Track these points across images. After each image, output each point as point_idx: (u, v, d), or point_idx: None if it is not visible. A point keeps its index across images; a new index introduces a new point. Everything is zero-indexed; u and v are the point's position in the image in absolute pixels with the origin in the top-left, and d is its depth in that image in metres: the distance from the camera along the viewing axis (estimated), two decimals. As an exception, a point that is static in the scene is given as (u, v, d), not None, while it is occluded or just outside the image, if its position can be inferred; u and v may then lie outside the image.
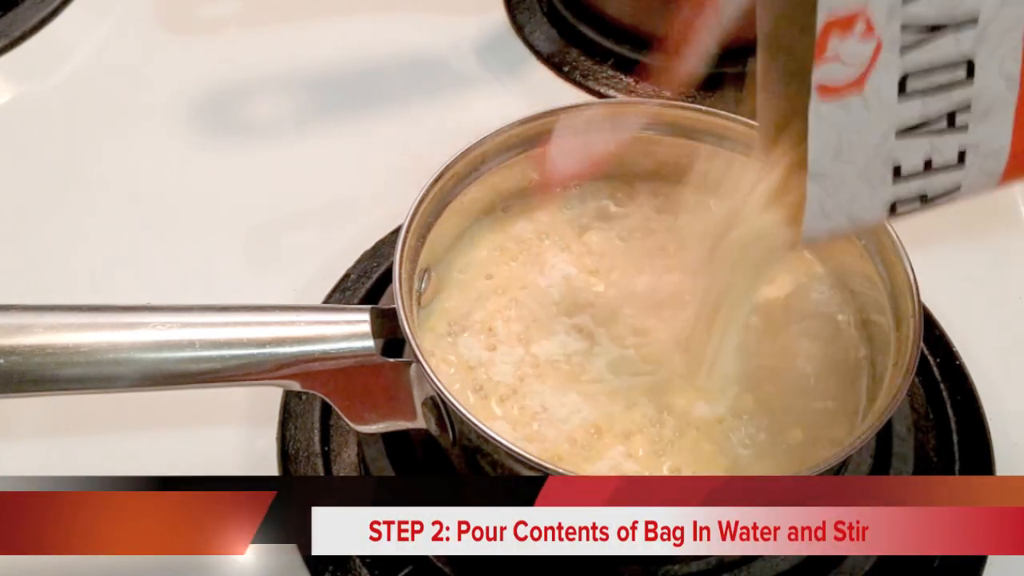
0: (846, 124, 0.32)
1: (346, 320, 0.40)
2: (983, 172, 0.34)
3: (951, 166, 0.34)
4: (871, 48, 0.31)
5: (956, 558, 0.47)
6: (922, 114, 0.33)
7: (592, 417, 0.42)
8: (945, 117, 0.33)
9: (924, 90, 0.32)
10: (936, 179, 0.34)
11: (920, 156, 0.33)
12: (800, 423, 0.43)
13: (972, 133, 0.33)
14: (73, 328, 0.37)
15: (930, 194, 0.34)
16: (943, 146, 0.33)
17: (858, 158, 0.33)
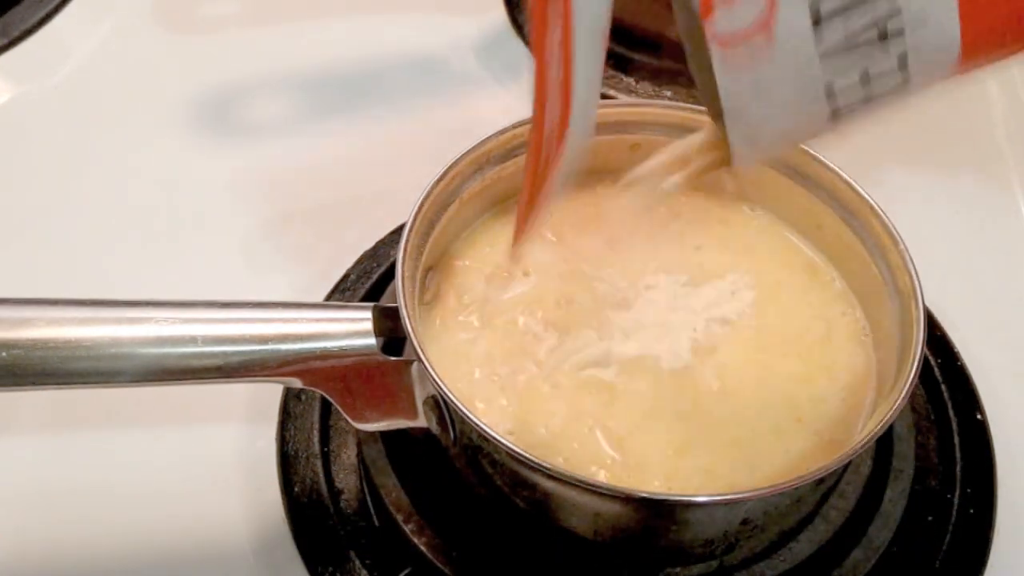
0: (758, 66, 0.32)
1: (348, 318, 0.40)
2: (934, 66, 0.33)
3: (892, 71, 0.33)
4: None
5: (956, 558, 0.47)
6: (845, 35, 0.32)
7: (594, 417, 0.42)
8: (874, 29, 0.32)
9: (842, 10, 0.31)
10: (879, 84, 0.33)
11: (855, 73, 0.33)
12: (804, 424, 0.43)
13: (911, 37, 0.32)
14: (75, 322, 0.37)
15: (875, 96, 0.33)
16: (880, 57, 0.32)
17: (783, 90, 0.33)
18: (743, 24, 0.32)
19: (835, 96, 0.33)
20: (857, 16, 0.31)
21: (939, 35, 0.32)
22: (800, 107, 0.34)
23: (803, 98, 0.33)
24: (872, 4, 0.31)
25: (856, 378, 0.44)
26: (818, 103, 0.33)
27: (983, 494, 0.49)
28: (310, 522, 0.47)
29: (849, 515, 0.46)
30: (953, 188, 0.65)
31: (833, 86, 0.33)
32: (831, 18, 0.32)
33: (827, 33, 0.32)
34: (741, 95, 0.33)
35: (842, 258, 0.48)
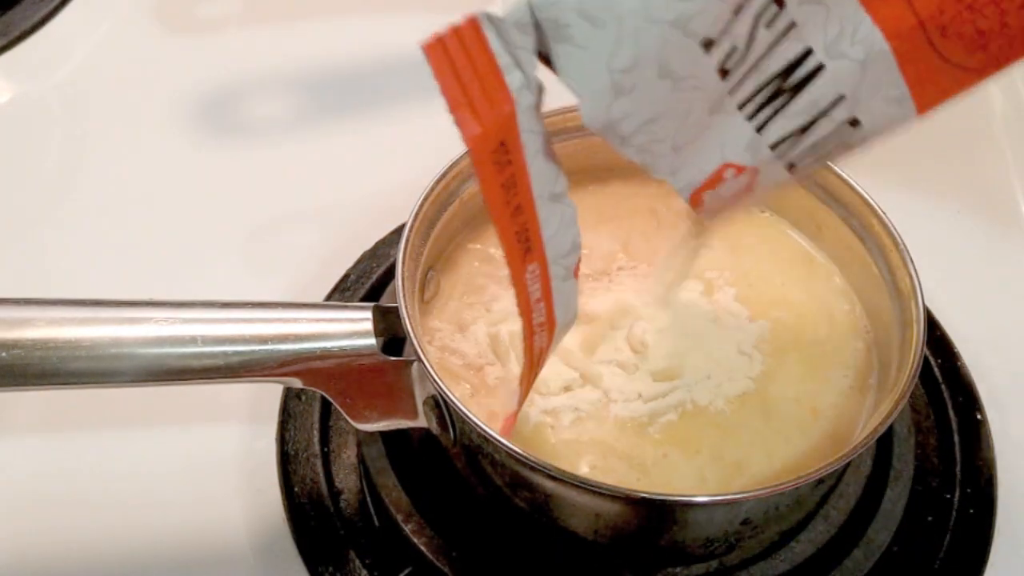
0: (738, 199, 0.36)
1: (348, 318, 0.40)
2: (890, 121, 0.34)
3: (848, 135, 0.35)
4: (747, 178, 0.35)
5: (956, 558, 0.47)
6: (811, 145, 0.34)
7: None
8: (835, 137, 0.34)
9: (811, 148, 0.34)
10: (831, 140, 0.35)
11: (807, 143, 0.34)
12: (806, 423, 0.43)
13: (866, 126, 0.34)
14: (75, 322, 0.37)
15: (825, 153, 0.35)
16: (828, 128, 0.34)
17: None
18: (729, 194, 0.35)
19: (795, 168, 0.35)
20: (820, 131, 0.34)
21: (885, 111, 0.34)
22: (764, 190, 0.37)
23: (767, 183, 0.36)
24: (827, 118, 0.33)
25: (858, 375, 0.44)
26: (782, 174, 0.36)
27: (983, 494, 0.49)
28: (310, 522, 0.47)
29: (849, 515, 0.46)
30: (953, 188, 0.65)
31: (793, 163, 0.35)
32: (804, 155, 0.34)
33: (795, 156, 0.35)
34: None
35: (842, 258, 0.48)
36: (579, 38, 0.28)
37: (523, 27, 0.28)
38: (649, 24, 0.28)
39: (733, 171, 0.34)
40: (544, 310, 0.34)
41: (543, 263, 0.32)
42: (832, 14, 0.31)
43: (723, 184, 0.35)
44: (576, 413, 0.42)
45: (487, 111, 0.28)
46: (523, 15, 0.28)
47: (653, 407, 0.42)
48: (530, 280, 0.32)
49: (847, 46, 0.31)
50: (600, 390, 0.42)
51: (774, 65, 0.31)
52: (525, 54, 0.28)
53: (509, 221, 0.30)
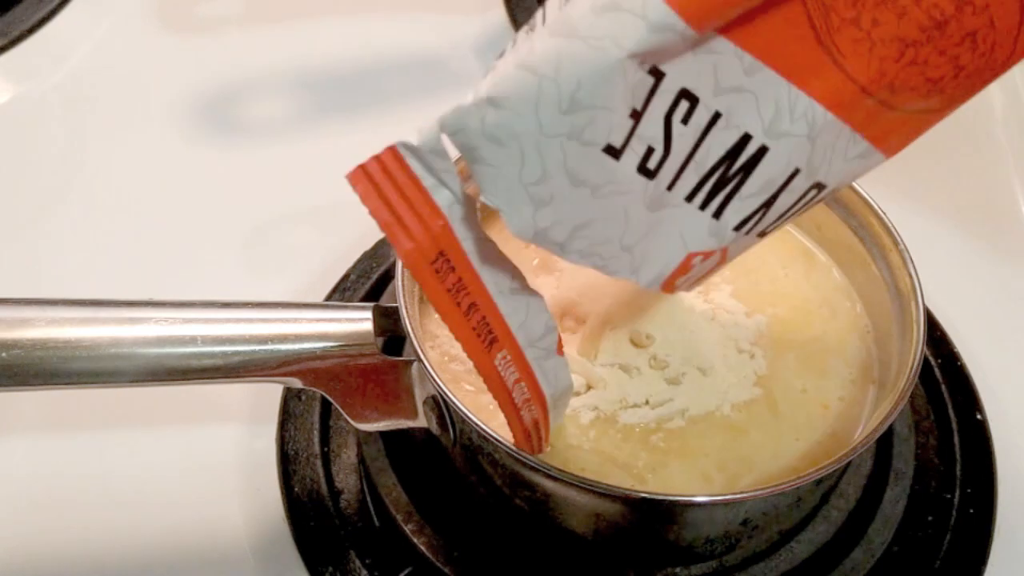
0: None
1: (348, 318, 0.40)
2: (857, 173, 0.35)
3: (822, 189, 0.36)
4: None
5: (956, 558, 0.47)
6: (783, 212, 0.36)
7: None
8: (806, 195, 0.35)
9: (781, 214, 0.36)
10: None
11: (773, 215, 0.36)
12: (814, 421, 0.43)
13: (819, 174, 0.34)
14: (75, 322, 0.37)
15: (794, 213, 0.36)
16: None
17: None
18: (701, 273, 0.37)
19: (765, 234, 0.37)
20: (783, 202, 0.34)
21: (860, 167, 0.35)
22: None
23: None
24: (788, 191, 0.34)
25: (861, 373, 0.44)
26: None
27: (983, 494, 0.49)
28: (310, 522, 0.47)
29: (849, 515, 0.46)
30: (953, 188, 0.65)
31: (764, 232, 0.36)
32: (772, 223, 0.35)
33: (763, 227, 0.35)
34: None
35: (842, 257, 0.47)
36: (488, 158, 0.29)
37: (439, 152, 0.30)
38: (547, 139, 0.29)
39: (700, 257, 0.35)
40: (527, 388, 0.35)
41: (514, 349, 0.34)
42: (762, 98, 0.31)
43: (694, 269, 0.35)
44: (590, 414, 0.42)
45: (418, 228, 0.30)
46: (436, 142, 0.30)
47: (660, 413, 0.42)
48: (502, 366, 0.33)
49: (787, 125, 0.31)
50: (605, 394, 0.42)
51: (712, 155, 0.32)
52: (448, 175, 0.30)
53: (462, 320, 0.32)
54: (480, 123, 0.28)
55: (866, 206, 0.45)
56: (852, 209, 0.46)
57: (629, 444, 0.41)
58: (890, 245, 0.44)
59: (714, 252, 0.35)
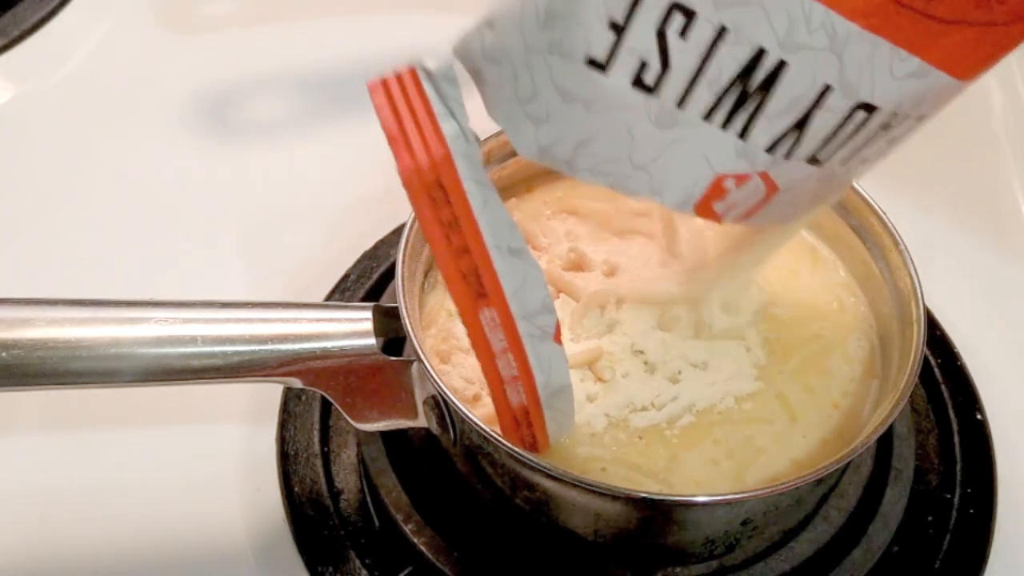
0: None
1: (348, 318, 0.40)
2: (923, 95, 0.33)
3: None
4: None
5: (956, 558, 0.47)
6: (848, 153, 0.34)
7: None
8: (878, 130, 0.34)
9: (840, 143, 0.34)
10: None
11: (817, 138, 0.34)
12: (814, 417, 0.43)
13: (861, 93, 0.32)
14: (75, 322, 0.37)
15: (862, 143, 0.35)
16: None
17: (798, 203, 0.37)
18: (747, 201, 0.35)
19: (821, 162, 0.34)
20: (823, 124, 0.32)
21: (924, 88, 0.32)
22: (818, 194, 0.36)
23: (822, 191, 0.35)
24: (825, 111, 0.32)
25: (864, 369, 0.44)
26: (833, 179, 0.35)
27: (983, 494, 0.49)
28: (310, 522, 0.47)
29: (849, 515, 0.46)
30: (953, 188, 0.65)
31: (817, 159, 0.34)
32: (822, 149, 0.33)
33: (809, 152, 0.33)
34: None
35: (845, 255, 0.48)
36: (489, 78, 0.30)
37: (450, 79, 0.31)
38: (532, 55, 0.29)
39: (733, 180, 0.33)
40: (515, 364, 0.35)
41: (504, 312, 0.33)
42: (772, 10, 0.29)
43: (731, 194, 0.34)
44: (603, 420, 0.41)
45: (421, 150, 0.31)
46: (448, 68, 0.30)
47: (669, 412, 0.42)
48: (488, 326, 0.33)
49: (804, 37, 0.30)
50: (612, 399, 0.42)
51: (726, 72, 0.31)
52: (457, 106, 0.31)
53: (451, 259, 0.32)
54: (480, 44, 0.29)
55: (866, 206, 0.45)
56: (852, 209, 0.46)
57: (646, 448, 0.41)
58: (890, 245, 0.44)
59: (749, 176, 0.33)
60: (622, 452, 0.40)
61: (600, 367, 0.42)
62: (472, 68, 0.30)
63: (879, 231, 0.44)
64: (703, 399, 0.42)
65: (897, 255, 0.43)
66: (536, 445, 0.38)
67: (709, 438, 0.41)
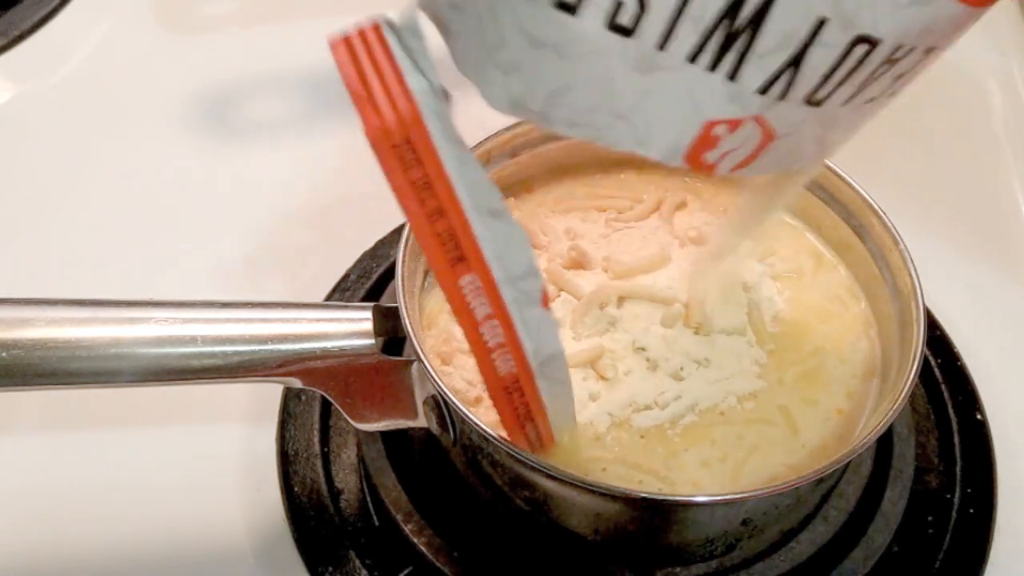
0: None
1: (348, 318, 0.40)
2: (929, 24, 0.31)
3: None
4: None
5: (956, 558, 0.47)
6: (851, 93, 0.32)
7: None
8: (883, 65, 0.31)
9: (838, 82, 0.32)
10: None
11: (815, 76, 0.31)
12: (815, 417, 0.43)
13: (859, 25, 0.30)
14: (75, 322, 0.37)
15: (865, 80, 0.32)
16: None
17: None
18: (743, 148, 0.33)
19: (821, 102, 0.32)
20: (820, 61, 0.30)
21: (929, 16, 0.30)
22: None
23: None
24: (821, 46, 0.30)
25: (865, 369, 0.44)
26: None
27: (983, 494, 0.49)
28: (310, 522, 0.47)
29: (849, 515, 0.46)
30: (953, 188, 0.65)
31: (817, 100, 0.32)
32: (823, 88, 0.31)
33: (808, 92, 0.31)
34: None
35: (846, 256, 0.48)
36: (455, 28, 0.28)
37: (416, 32, 0.29)
38: (495, 0, 0.28)
39: (725, 127, 0.31)
40: (501, 331, 0.34)
41: (486, 277, 0.32)
42: None
43: (723, 141, 0.32)
44: (606, 420, 0.41)
45: (387, 107, 0.29)
46: (411, 20, 0.29)
47: (672, 411, 0.42)
48: (469, 292, 0.32)
49: None
50: (614, 397, 0.42)
51: (711, 8, 0.28)
52: (424, 60, 0.29)
53: (426, 222, 0.31)
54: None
55: (866, 206, 0.45)
56: (852, 209, 0.46)
57: (648, 447, 0.41)
58: (890, 245, 0.44)
59: (742, 121, 0.31)
60: (624, 452, 0.40)
61: (602, 365, 0.42)
62: (437, 18, 0.28)
63: (879, 231, 0.44)
64: (706, 397, 0.42)
65: (897, 255, 0.43)
66: (531, 414, 0.37)
67: (710, 438, 0.41)
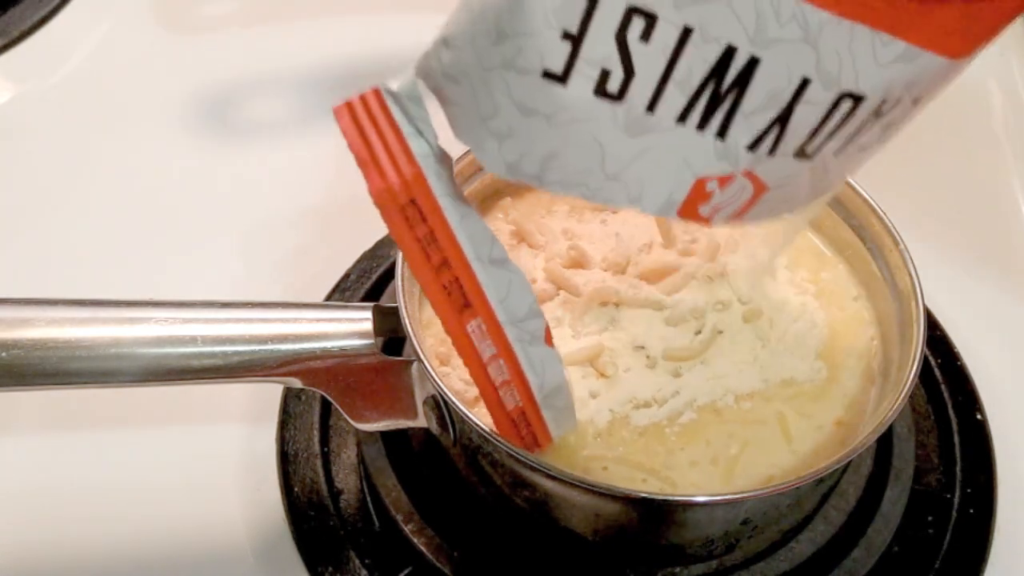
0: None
1: (348, 318, 0.40)
2: (915, 78, 0.32)
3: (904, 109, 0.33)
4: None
5: (956, 558, 0.47)
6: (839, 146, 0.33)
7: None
8: (870, 118, 0.33)
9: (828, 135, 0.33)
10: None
11: (802, 132, 0.33)
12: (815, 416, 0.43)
13: (843, 82, 0.31)
14: (75, 322, 0.37)
15: (852, 133, 0.33)
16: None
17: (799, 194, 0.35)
18: (735, 202, 0.34)
19: (809, 155, 0.33)
20: (806, 117, 0.31)
21: (914, 72, 0.31)
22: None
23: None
24: (806, 104, 0.31)
25: (864, 372, 0.44)
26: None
27: (983, 494, 0.49)
28: (310, 522, 0.47)
29: (849, 515, 0.46)
30: (953, 188, 0.65)
31: (806, 152, 0.33)
32: (810, 142, 0.32)
33: (797, 146, 0.32)
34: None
35: (847, 255, 0.48)
36: (451, 98, 0.30)
37: (415, 99, 0.31)
38: (488, 72, 0.29)
39: (716, 182, 0.32)
40: (506, 368, 0.35)
41: (491, 321, 0.34)
42: (738, 6, 0.28)
43: (715, 195, 0.33)
44: (606, 416, 0.41)
45: (392, 170, 0.31)
46: (412, 88, 0.30)
47: (671, 408, 0.41)
48: (476, 336, 0.34)
49: (776, 30, 0.29)
50: (615, 394, 0.42)
51: (696, 73, 0.30)
52: (424, 124, 0.31)
53: (432, 273, 0.33)
54: (439, 64, 0.29)
55: (866, 206, 0.45)
56: (853, 209, 0.46)
57: (647, 446, 0.41)
58: (890, 245, 0.44)
59: (732, 176, 0.32)
60: (624, 451, 0.40)
61: (602, 363, 0.42)
62: (434, 87, 0.30)
63: (879, 231, 0.44)
64: (704, 394, 0.42)
65: (897, 255, 0.43)
66: (538, 442, 0.38)
67: (708, 436, 0.41)
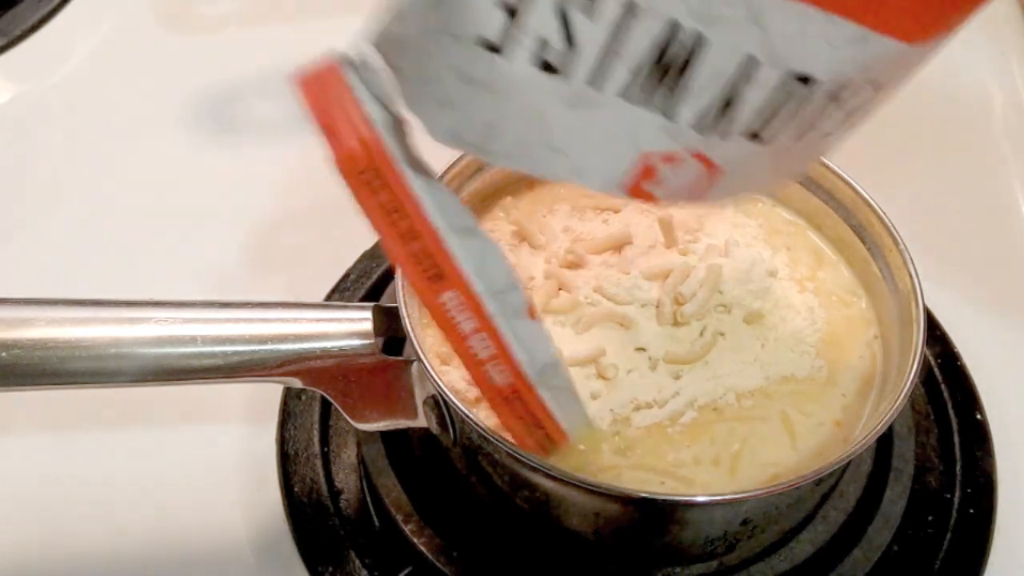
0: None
1: (348, 318, 0.40)
2: (871, 63, 0.31)
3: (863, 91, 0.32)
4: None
5: (956, 558, 0.47)
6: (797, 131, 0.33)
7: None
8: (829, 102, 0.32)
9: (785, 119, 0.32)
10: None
11: (749, 112, 0.32)
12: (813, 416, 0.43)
13: (793, 63, 0.30)
14: (75, 322, 0.37)
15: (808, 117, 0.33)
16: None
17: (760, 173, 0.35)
18: (684, 180, 0.33)
19: (762, 138, 0.33)
20: (753, 97, 0.31)
21: (868, 55, 0.30)
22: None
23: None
24: (753, 84, 0.30)
25: (864, 372, 0.44)
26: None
27: (983, 494, 0.49)
28: (310, 522, 0.47)
29: (849, 515, 0.46)
30: (953, 187, 0.65)
31: (756, 133, 0.32)
32: (760, 123, 0.31)
33: (746, 127, 0.32)
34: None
35: (847, 255, 0.48)
36: (400, 67, 0.30)
37: (369, 67, 0.31)
38: (428, 38, 0.29)
39: (660, 158, 0.31)
40: (491, 343, 0.35)
41: (467, 293, 0.34)
42: None
43: (662, 173, 0.32)
44: (608, 416, 0.41)
45: (350, 135, 0.31)
46: (367, 55, 0.31)
47: (671, 408, 0.41)
48: (452, 308, 0.34)
49: (720, 7, 0.28)
50: (616, 396, 0.42)
51: (639, 48, 0.29)
52: (380, 91, 0.31)
53: (399, 243, 0.33)
54: (389, 32, 0.29)
55: (866, 206, 0.45)
56: (852, 209, 0.46)
57: (651, 446, 0.41)
58: (890, 245, 0.44)
59: (677, 153, 0.31)
60: (630, 451, 0.40)
61: (603, 364, 0.42)
62: (386, 57, 0.30)
63: (879, 231, 0.44)
64: (704, 394, 0.42)
65: (897, 255, 0.43)
66: (539, 423, 0.38)
67: (708, 436, 0.41)
